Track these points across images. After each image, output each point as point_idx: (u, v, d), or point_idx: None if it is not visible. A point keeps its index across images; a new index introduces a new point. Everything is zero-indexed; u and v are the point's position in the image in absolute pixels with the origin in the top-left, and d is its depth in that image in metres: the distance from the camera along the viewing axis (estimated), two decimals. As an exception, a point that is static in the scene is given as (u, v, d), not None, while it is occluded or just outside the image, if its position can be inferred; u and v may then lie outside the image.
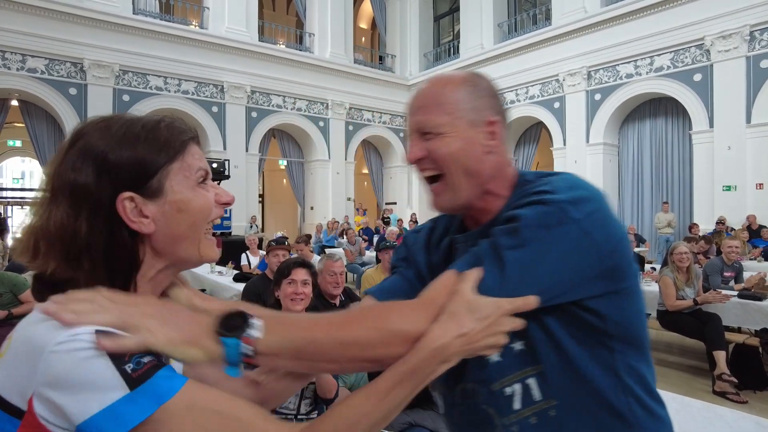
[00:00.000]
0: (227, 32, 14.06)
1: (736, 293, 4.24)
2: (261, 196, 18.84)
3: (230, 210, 11.92)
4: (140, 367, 0.55)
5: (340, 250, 9.22)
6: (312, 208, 16.53)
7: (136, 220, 0.65)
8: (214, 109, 14.04)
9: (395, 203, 18.29)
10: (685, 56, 11.03)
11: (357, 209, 16.20)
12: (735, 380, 3.67)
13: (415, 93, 0.88)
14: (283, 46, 15.89)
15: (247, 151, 14.56)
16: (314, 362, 0.69)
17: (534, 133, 15.23)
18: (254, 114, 14.80)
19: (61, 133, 12.04)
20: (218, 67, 13.93)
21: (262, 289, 3.33)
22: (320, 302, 2.84)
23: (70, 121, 11.75)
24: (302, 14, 16.35)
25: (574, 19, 12.79)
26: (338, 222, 12.71)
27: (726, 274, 4.97)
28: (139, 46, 12.61)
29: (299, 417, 1.97)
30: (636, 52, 11.75)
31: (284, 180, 18.80)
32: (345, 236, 10.02)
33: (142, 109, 12.77)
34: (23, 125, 12.28)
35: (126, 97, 12.55)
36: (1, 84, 11.00)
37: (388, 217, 15.67)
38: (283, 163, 16.90)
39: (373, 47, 21.13)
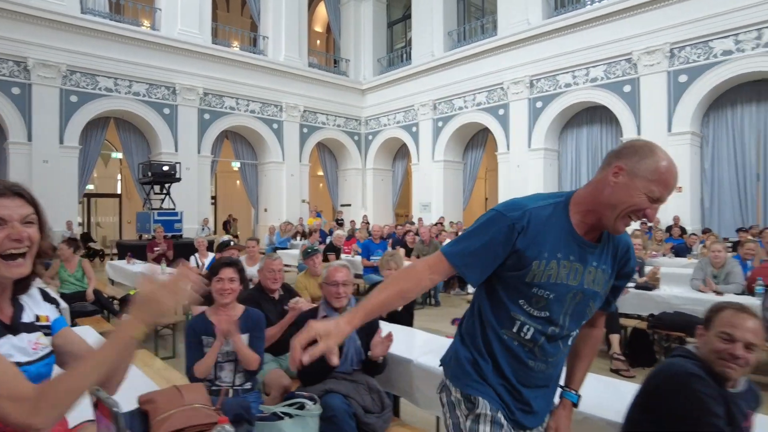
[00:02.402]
0: (180, 34, 14.00)
1: (633, 285, 4.84)
2: (213, 198, 18.74)
3: (181, 213, 11.97)
4: None
5: (294, 252, 9.42)
6: (266, 210, 16.61)
7: None
8: (166, 110, 13.95)
9: (350, 205, 18.59)
10: (616, 69, 11.91)
11: (311, 211, 16.39)
12: (623, 359, 4.24)
13: (675, 171, 1.17)
14: (237, 49, 15.92)
15: (199, 153, 14.53)
16: (374, 315, 1.26)
17: (481, 138, 15.92)
18: (207, 116, 14.79)
19: (2, 132, 11.70)
20: (170, 68, 13.86)
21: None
22: (260, 295, 3.16)
23: (12, 121, 11.45)
24: (256, 17, 16.42)
25: (518, 30, 13.52)
26: (291, 224, 12.89)
27: (630, 268, 5.60)
28: (87, 46, 12.41)
29: (235, 387, 2.30)
30: (574, 63, 12.58)
31: (237, 182, 18.77)
32: (308, 238, 10.46)
33: (91, 110, 12.59)
34: (-38, 124, 11.84)
35: (74, 98, 12.33)
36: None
37: (342, 219, 15.97)
38: (236, 165, 16.90)
39: (327, 51, 21.37)
